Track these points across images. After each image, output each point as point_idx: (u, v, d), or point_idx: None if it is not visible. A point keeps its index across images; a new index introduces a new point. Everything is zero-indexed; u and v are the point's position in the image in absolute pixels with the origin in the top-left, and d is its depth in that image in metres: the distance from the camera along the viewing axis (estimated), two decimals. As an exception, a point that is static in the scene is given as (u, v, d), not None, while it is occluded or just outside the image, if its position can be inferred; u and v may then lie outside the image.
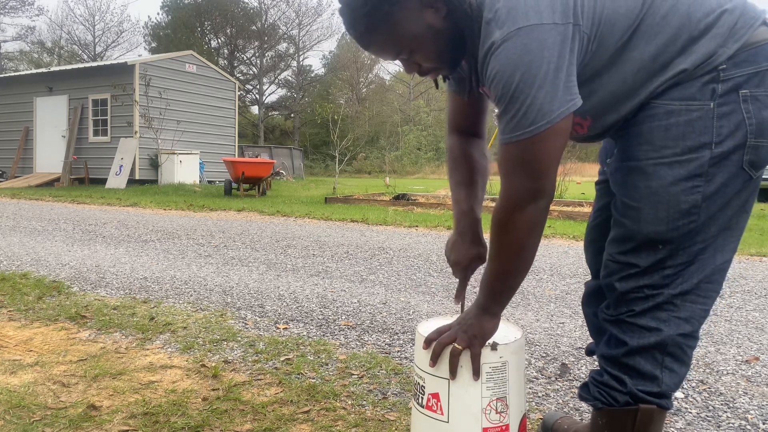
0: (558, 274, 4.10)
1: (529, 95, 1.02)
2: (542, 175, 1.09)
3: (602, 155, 1.41)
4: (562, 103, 1.03)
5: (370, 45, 1.17)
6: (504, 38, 1.03)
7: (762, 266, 4.61)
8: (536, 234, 1.13)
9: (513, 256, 1.15)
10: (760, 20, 1.09)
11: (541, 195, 1.10)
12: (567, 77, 1.03)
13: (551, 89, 1.02)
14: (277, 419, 1.72)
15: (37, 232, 5.96)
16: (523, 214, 1.10)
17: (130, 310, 2.93)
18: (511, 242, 1.14)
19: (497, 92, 1.06)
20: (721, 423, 1.78)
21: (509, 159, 1.09)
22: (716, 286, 1.16)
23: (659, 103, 1.10)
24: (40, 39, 39.59)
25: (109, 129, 14.82)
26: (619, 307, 1.19)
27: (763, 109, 1.07)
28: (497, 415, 1.22)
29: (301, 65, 42.24)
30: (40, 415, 1.72)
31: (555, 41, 1.02)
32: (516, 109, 1.04)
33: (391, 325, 2.79)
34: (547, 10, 1.03)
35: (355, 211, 8.67)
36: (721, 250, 1.14)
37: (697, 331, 1.18)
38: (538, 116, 1.03)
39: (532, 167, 1.08)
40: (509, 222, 1.12)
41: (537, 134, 1.04)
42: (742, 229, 1.16)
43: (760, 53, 1.07)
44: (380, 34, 1.13)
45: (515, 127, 1.05)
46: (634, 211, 1.13)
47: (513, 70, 1.02)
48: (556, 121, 1.03)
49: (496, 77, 1.05)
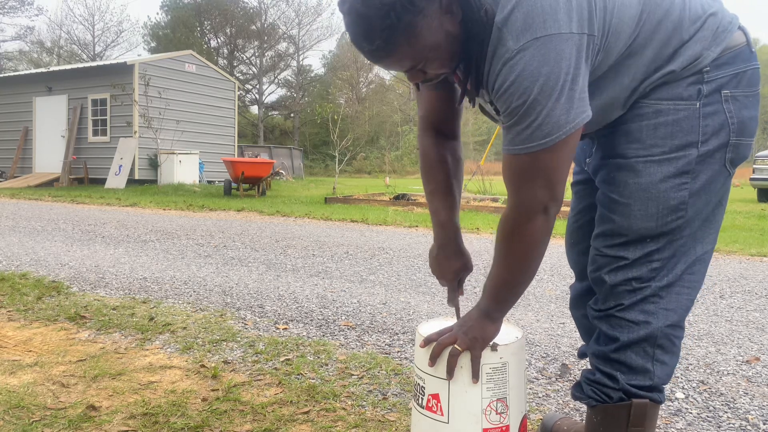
0: (558, 274, 4.10)
1: (546, 107, 1.00)
2: (552, 185, 1.08)
3: (579, 155, 1.40)
4: (576, 115, 1.02)
5: (384, 59, 1.09)
6: (520, 48, 1.00)
7: (762, 266, 4.60)
8: (544, 243, 1.14)
9: (521, 265, 1.16)
10: (736, 24, 1.14)
11: (551, 204, 1.09)
12: (582, 88, 1.03)
13: (567, 101, 1.01)
14: (276, 420, 1.71)
15: (37, 232, 5.95)
16: (534, 223, 1.10)
17: (129, 310, 2.93)
18: (520, 251, 1.14)
19: (511, 103, 1.03)
20: (722, 423, 1.78)
21: (520, 169, 1.08)
22: (699, 277, 1.21)
23: (648, 103, 1.13)
24: (39, 39, 39.63)
25: (109, 129, 14.82)
26: (608, 301, 1.21)
27: (742, 108, 1.13)
28: (497, 416, 1.22)
29: (300, 65, 42.28)
30: (39, 415, 1.72)
31: (572, 52, 1.00)
32: (531, 120, 1.02)
33: (391, 325, 2.79)
34: (564, 18, 1.00)
35: (355, 211, 8.67)
36: (702, 242, 1.19)
37: (683, 321, 1.21)
38: (554, 128, 1.02)
39: (545, 177, 1.07)
40: (519, 232, 1.12)
41: (551, 146, 1.03)
42: (720, 221, 1.21)
43: (738, 56, 1.12)
44: (400, 46, 1.05)
45: (528, 138, 1.04)
46: (624, 207, 1.16)
47: (531, 81, 1.00)
48: (570, 132, 1.03)
49: (510, 88, 1.02)
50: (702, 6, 1.13)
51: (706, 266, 1.22)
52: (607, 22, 1.07)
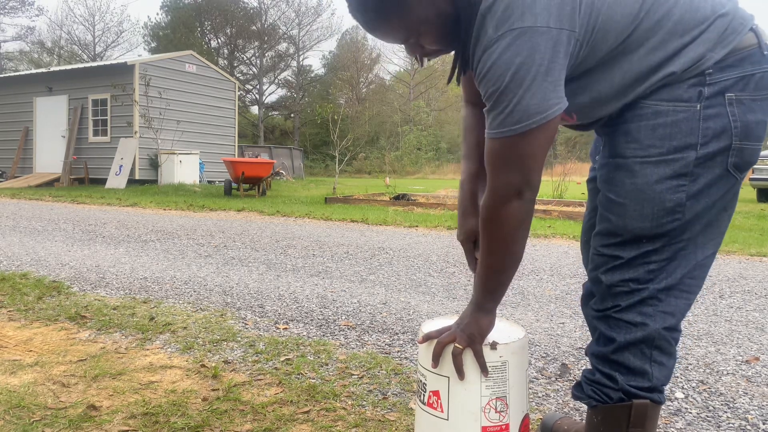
0: (558, 274, 4.10)
1: (517, 95, 1.04)
2: (526, 171, 1.10)
3: (593, 153, 1.43)
4: (548, 106, 1.05)
5: (378, 29, 1.17)
6: (498, 37, 1.05)
7: (762, 266, 4.61)
8: (524, 227, 1.15)
9: (503, 250, 1.17)
10: (749, 26, 1.11)
11: (525, 189, 1.11)
12: (556, 81, 1.05)
13: (539, 92, 1.04)
14: (277, 419, 1.72)
15: (37, 232, 5.95)
16: (510, 208, 1.12)
17: (130, 310, 2.93)
18: (500, 237, 1.16)
19: (487, 89, 1.08)
20: (721, 423, 1.78)
21: (494, 154, 1.12)
22: (698, 281, 1.20)
23: (647, 103, 1.12)
24: (39, 39, 39.65)
25: (109, 129, 14.82)
26: (606, 302, 1.21)
27: (748, 112, 1.10)
28: (497, 414, 1.22)
29: (301, 65, 42.28)
30: (39, 415, 1.72)
31: (547, 46, 1.03)
32: (504, 106, 1.06)
33: (391, 325, 2.79)
34: (543, 12, 1.03)
35: (355, 211, 8.67)
36: (703, 247, 1.17)
37: (680, 323, 1.21)
38: (524, 116, 1.05)
39: (517, 163, 1.10)
40: (497, 217, 1.14)
41: (521, 132, 1.06)
42: (725, 227, 1.19)
43: (746, 59, 1.09)
44: (391, 18, 1.13)
45: (501, 123, 1.08)
46: (620, 206, 1.16)
47: (504, 69, 1.04)
48: (541, 122, 1.05)
49: (488, 74, 1.07)
50: (712, 7, 1.10)
51: (707, 271, 1.21)
52: (593, 18, 1.08)
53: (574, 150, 15.61)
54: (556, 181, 11.66)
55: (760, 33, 1.12)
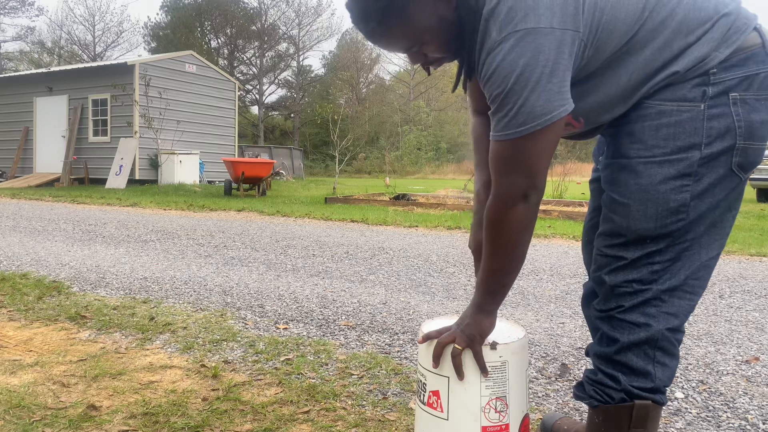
0: (558, 274, 4.10)
1: (522, 96, 1.04)
2: (532, 174, 1.10)
3: (596, 153, 1.43)
4: (553, 107, 1.05)
5: (381, 39, 1.17)
6: (502, 39, 1.04)
7: (762, 266, 4.61)
8: (528, 230, 1.15)
9: (506, 253, 1.17)
10: (752, 25, 1.11)
11: (531, 192, 1.11)
12: (561, 82, 1.05)
13: (544, 93, 1.04)
14: (277, 419, 1.72)
15: (37, 232, 5.96)
16: (515, 211, 1.12)
17: (130, 310, 2.93)
18: (504, 239, 1.15)
19: (492, 91, 1.08)
20: (721, 423, 1.78)
21: (499, 156, 1.11)
22: (702, 282, 1.19)
23: (651, 103, 1.12)
24: (40, 39, 39.65)
25: (109, 129, 14.83)
26: (609, 302, 1.21)
27: (752, 112, 1.09)
28: (497, 414, 1.22)
29: (301, 65, 42.28)
30: (40, 415, 1.72)
31: (551, 46, 1.03)
32: (508, 108, 1.06)
33: (391, 325, 2.79)
34: (546, 13, 1.03)
35: (355, 211, 8.67)
36: (707, 248, 1.17)
37: (683, 324, 1.21)
38: (529, 118, 1.05)
39: (522, 166, 1.09)
40: (501, 219, 1.14)
41: (526, 135, 1.06)
42: (729, 227, 1.19)
43: (750, 58, 1.09)
44: (393, 27, 1.13)
45: (506, 125, 1.07)
46: (624, 207, 1.15)
47: (509, 71, 1.04)
48: (546, 124, 1.05)
49: (492, 77, 1.07)
50: (715, 6, 1.10)
51: (711, 272, 1.20)
52: (597, 19, 1.07)
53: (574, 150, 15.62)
54: (556, 181, 11.66)
55: (764, 32, 1.12)
